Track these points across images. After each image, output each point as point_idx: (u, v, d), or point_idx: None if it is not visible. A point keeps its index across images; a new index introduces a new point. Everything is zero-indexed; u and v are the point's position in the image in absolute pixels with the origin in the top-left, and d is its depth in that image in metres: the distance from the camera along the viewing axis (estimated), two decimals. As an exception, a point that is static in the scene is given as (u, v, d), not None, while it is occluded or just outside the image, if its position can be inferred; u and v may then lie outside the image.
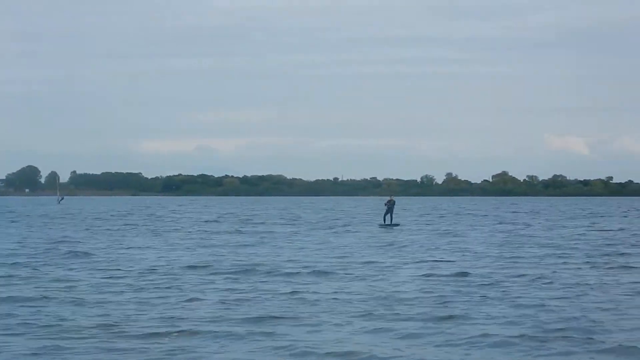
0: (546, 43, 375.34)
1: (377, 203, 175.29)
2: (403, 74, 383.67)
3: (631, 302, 23.57)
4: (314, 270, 31.96)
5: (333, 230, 63.77)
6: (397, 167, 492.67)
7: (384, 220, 67.01)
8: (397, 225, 66.08)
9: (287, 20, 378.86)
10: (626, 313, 21.77)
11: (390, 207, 66.23)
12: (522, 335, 18.53)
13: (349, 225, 71.93)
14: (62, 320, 20.61)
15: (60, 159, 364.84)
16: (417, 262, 35.88)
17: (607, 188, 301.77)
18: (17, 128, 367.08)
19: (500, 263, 35.16)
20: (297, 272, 31.42)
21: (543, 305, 22.82)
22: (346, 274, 31.06)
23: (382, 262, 35.50)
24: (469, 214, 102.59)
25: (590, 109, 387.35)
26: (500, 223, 76.17)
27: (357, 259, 37.06)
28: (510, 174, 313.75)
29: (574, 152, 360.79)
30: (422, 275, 30.56)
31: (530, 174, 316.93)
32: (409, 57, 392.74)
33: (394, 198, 67.61)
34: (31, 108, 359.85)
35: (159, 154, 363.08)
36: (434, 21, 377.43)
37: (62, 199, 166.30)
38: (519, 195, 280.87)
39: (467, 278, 29.51)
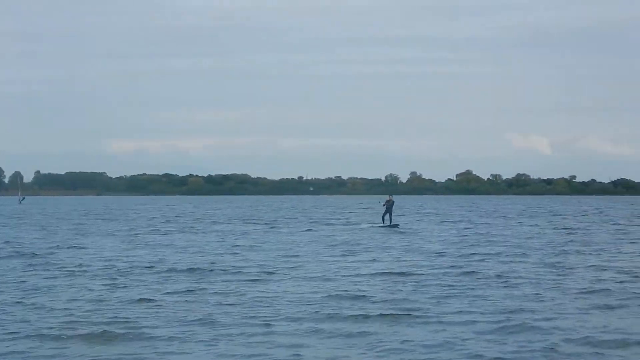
0: (514, 43, 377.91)
1: (340, 202, 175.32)
2: (368, 74, 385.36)
3: (586, 302, 23.40)
4: (267, 270, 31.61)
5: (290, 228, 63.48)
6: (361, 166, 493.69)
7: (383, 220, 64.80)
8: (396, 225, 63.85)
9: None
10: (581, 312, 21.66)
11: (389, 207, 64.02)
12: (476, 336, 18.40)
13: (307, 224, 71.58)
14: (13, 322, 20.17)
15: (26, 159, 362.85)
16: (372, 260, 35.62)
17: (570, 187, 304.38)
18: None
19: (457, 262, 34.97)
20: (250, 272, 31.01)
21: (499, 305, 22.66)
22: (299, 273, 30.74)
23: (337, 261, 35.25)
24: (430, 212, 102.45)
25: (554, 109, 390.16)
26: (460, 221, 76.16)
27: (312, 258, 36.77)
28: (474, 173, 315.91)
29: (537, 152, 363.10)
30: (377, 274, 30.30)
31: (494, 172, 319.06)
32: (375, 57, 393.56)
33: (393, 198, 65.33)
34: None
35: (124, 153, 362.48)
36: (399, 21, 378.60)
37: (24, 198, 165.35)
38: (483, 194, 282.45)
39: (422, 277, 29.27)
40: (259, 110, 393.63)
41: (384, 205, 64.51)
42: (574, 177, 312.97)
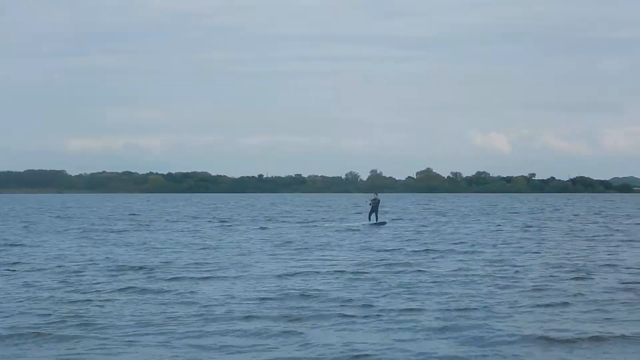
0: (471, 41, 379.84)
1: (299, 200, 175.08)
2: (329, 71, 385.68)
3: (539, 299, 23.29)
4: (219, 268, 31.29)
5: (246, 226, 63.18)
6: (322, 164, 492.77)
7: (369, 219, 63.67)
8: (383, 223, 63.01)
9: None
10: (534, 310, 21.57)
11: (374, 206, 63.06)
12: (427, 334, 18.34)
13: (263, 222, 71.19)
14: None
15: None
16: (327, 259, 35.37)
17: (529, 185, 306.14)
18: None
19: (411, 259, 34.81)
20: (203, 270, 30.66)
21: (452, 302, 22.55)
22: (252, 271, 30.41)
23: (291, 259, 34.97)
24: (387, 210, 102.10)
25: (514, 106, 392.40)
26: (416, 219, 76.15)
27: (265, 256, 36.51)
28: (434, 171, 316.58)
29: (497, 150, 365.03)
30: (331, 272, 29.99)
31: (454, 170, 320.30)
32: (335, 55, 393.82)
33: (379, 196, 64.41)
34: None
35: (84, 151, 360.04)
36: (360, 19, 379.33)
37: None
38: (443, 192, 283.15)
39: (375, 275, 29.03)
40: (219, 108, 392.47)
41: (370, 204, 63.87)
42: (534, 174, 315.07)
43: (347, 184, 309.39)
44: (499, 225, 65.31)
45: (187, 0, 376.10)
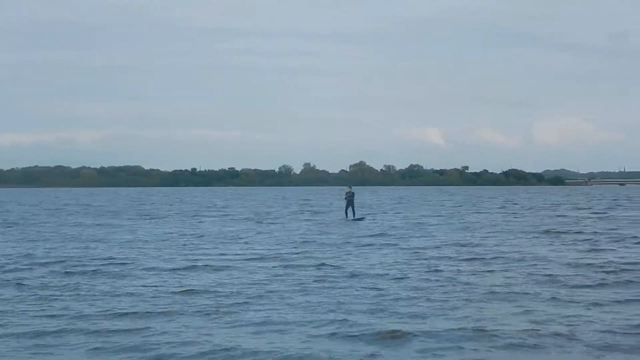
0: (402, 34, 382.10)
1: (233, 194, 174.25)
2: (260, 66, 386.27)
3: (452, 294, 22.70)
4: (124, 264, 30.25)
5: (168, 220, 62.50)
6: (255, 158, 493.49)
7: (346, 214, 59.96)
8: (361, 219, 59.45)
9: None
10: (456, 303, 21.01)
11: (350, 200, 59.80)
12: (348, 327, 17.77)
13: (183, 216, 70.31)
14: None
15: None
16: (242, 253, 34.43)
17: (462, 177, 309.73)
18: None
19: (329, 252, 34.24)
20: (108, 266, 29.60)
21: (372, 297, 21.99)
22: (160, 265, 29.61)
23: (205, 255, 33.95)
24: (313, 204, 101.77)
25: (448, 100, 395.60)
26: (340, 210, 75.59)
27: (181, 250, 35.84)
28: (367, 164, 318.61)
29: (431, 143, 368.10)
30: (246, 266, 29.26)
31: (388, 163, 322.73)
32: (267, 49, 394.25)
33: (353, 189, 61.11)
34: None
35: (16, 145, 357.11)
36: (291, 12, 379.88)
37: None
38: (376, 185, 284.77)
39: (290, 269, 28.37)
40: (152, 102, 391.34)
41: (344, 197, 60.76)
42: (467, 167, 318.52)
43: (281, 177, 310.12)
44: (425, 216, 65.11)
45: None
